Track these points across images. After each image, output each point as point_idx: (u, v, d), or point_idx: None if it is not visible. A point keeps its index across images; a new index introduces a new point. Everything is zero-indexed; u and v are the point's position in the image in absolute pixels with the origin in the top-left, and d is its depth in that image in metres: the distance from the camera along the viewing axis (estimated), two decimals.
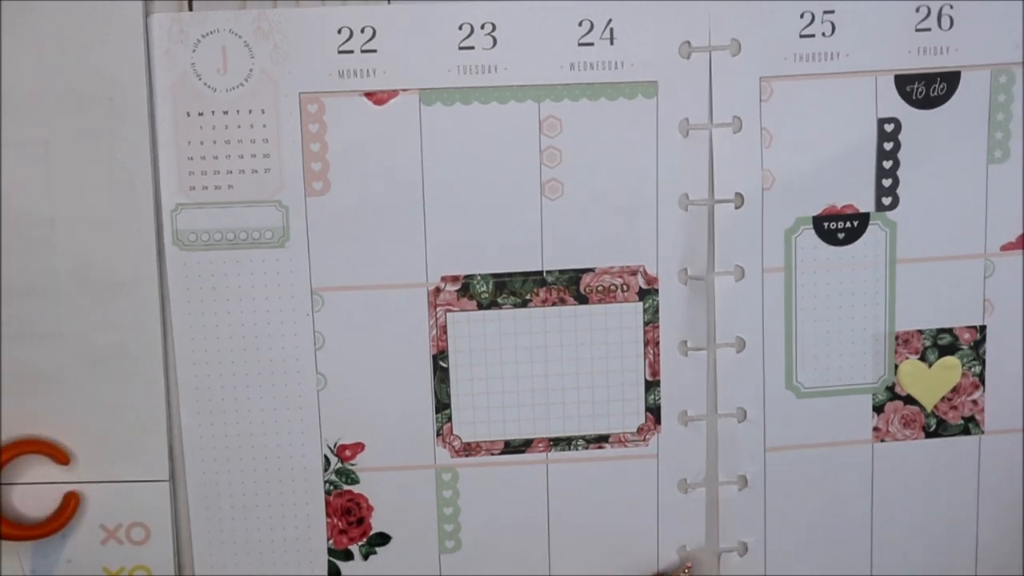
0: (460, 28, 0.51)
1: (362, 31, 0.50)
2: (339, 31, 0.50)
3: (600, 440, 0.54)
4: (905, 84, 0.53)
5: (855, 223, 0.54)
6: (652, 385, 0.54)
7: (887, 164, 0.53)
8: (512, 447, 0.54)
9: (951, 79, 0.53)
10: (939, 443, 0.55)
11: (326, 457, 0.53)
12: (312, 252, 0.52)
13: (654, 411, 0.54)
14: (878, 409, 0.55)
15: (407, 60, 0.51)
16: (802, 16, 0.52)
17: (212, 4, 0.50)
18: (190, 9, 0.50)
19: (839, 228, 0.54)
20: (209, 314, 0.52)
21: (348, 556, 0.54)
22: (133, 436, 0.52)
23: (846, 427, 0.55)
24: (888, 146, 0.53)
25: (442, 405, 0.53)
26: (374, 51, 0.51)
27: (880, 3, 0.52)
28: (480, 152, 0.52)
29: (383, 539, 0.54)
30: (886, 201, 0.54)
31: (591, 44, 0.51)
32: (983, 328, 0.55)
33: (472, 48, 0.51)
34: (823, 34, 0.52)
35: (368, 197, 0.52)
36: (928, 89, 0.53)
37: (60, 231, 0.51)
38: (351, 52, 0.50)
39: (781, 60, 0.52)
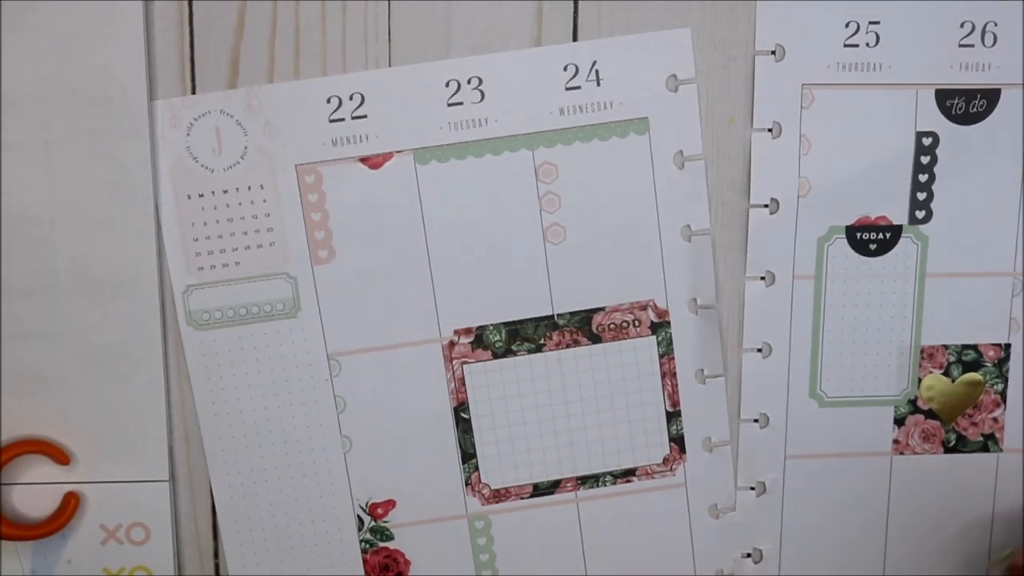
0: (447, 85, 0.53)
1: (351, 98, 0.53)
2: (328, 100, 0.53)
3: (627, 474, 0.57)
4: (945, 99, 0.54)
5: (887, 235, 0.55)
6: (673, 416, 0.56)
7: (923, 178, 0.55)
8: (541, 489, 0.57)
9: (991, 96, 0.54)
10: (957, 459, 0.57)
11: (359, 517, 0.56)
12: (324, 319, 0.55)
13: (678, 441, 0.56)
14: (899, 422, 0.57)
15: (398, 122, 0.53)
16: (847, 25, 0.53)
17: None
18: (190, 11, 0.52)
19: (871, 239, 0.55)
20: (230, 389, 0.55)
21: None
22: (133, 436, 0.55)
23: (867, 438, 0.57)
24: (925, 160, 0.55)
25: (468, 455, 0.56)
26: (364, 117, 0.53)
27: (925, 16, 0.53)
28: (480, 204, 0.54)
29: None
30: (919, 214, 0.55)
31: (578, 87, 0.53)
32: (1008, 347, 0.56)
33: (461, 104, 0.53)
34: (867, 44, 0.54)
35: (374, 260, 0.54)
36: (968, 105, 0.54)
37: (60, 231, 0.53)
38: (342, 120, 0.53)
39: (824, 68, 0.54)
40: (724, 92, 0.54)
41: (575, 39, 0.54)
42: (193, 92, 0.53)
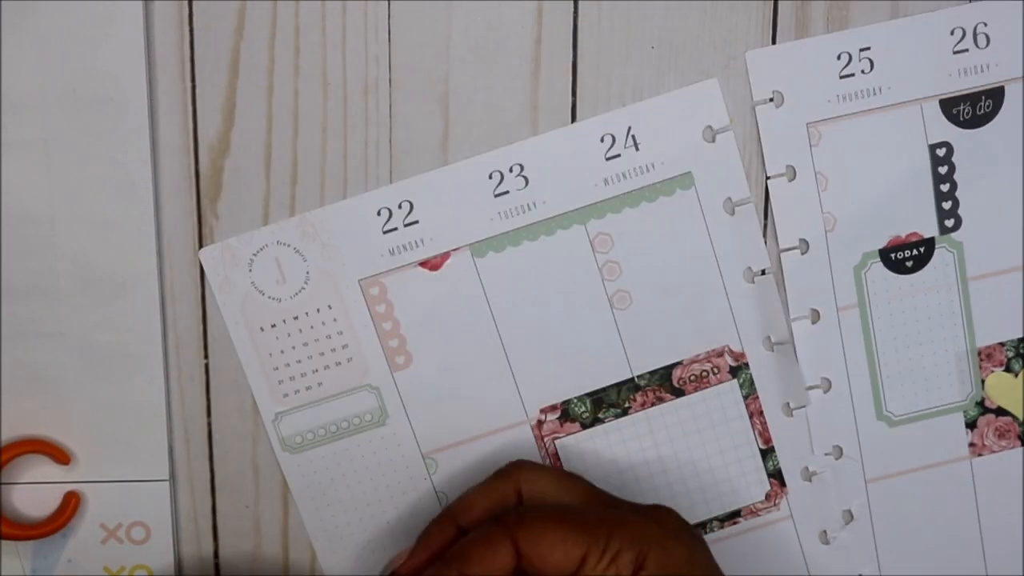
0: (490, 177, 0.56)
1: (399, 207, 0.57)
2: (378, 213, 0.57)
3: (733, 516, 0.60)
4: (951, 107, 0.57)
5: (921, 249, 0.58)
6: (767, 452, 0.59)
7: (944, 187, 0.57)
8: None
9: (995, 95, 0.57)
10: None
11: None
12: (413, 422, 0.58)
13: (776, 475, 0.59)
14: (971, 425, 0.60)
15: (450, 221, 0.57)
16: (839, 57, 0.56)
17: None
18: (190, 11, 0.55)
19: (906, 257, 0.58)
20: (335, 504, 0.59)
21: None
22: (133, 436, 0.57)
23: (942, 448, 0.60)
24: (943, 170, 0.57)
25: None
26: (416, 222, 0.57)
27: (914, 33, 0.56)
28: (543, 285, 0.57)
29: None
30: (949, 223, 0.58)
31: (618, 156, 0.57)
32: None
33: (507, 192, 0.57)
34: (862, 71, 0.56)
35: (451, 357, 0.58)
36: (974, 108, 0.57)
37: (60, 231, 0.55)
38: (395, 229, 0.57)
39: (825, 103, 0.57)
40: None
41: (575, 40, 0.56)
42: (193, 92, 0.56)
